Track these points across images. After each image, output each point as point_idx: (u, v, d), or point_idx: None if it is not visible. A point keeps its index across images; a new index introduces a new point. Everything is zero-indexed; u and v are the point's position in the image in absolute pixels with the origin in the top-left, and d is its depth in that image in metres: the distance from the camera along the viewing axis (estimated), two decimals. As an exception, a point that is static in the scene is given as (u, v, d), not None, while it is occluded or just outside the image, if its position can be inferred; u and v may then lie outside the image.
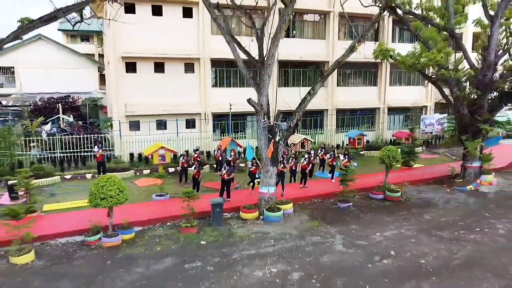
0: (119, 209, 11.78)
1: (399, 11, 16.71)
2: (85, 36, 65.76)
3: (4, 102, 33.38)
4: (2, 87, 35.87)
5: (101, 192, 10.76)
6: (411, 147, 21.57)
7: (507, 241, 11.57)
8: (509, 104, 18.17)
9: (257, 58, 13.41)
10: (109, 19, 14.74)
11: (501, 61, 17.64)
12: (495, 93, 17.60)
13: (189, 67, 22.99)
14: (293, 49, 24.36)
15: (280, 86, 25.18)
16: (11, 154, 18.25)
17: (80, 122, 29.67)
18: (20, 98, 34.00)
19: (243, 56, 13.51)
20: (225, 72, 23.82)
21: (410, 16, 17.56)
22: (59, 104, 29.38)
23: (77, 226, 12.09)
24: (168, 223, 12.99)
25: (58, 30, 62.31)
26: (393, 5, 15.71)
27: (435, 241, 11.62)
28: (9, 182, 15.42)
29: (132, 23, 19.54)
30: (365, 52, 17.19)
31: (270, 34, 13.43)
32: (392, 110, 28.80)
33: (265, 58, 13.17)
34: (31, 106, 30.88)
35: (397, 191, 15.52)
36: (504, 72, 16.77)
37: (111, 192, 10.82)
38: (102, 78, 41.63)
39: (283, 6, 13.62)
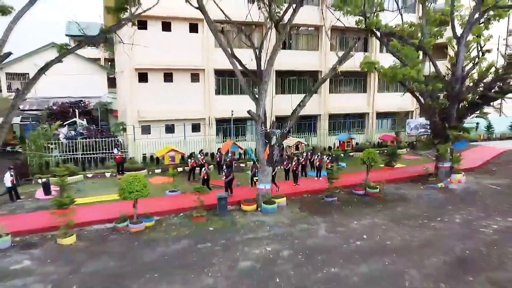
0: (141, 202, 14.28)
1: (379, 33, 19.23)
2: (92, 42, 67.78)
3: (21, 107, 35.92)
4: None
5: (129, 187, 13.30)
6: (393, 149, 24.11)
7: (459, 228, 14.12)
8: (476, 112, 20.64)
9: (256, 67, 15.91)
10: (122, 42, 17.22)
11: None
12: (464, 102, 20.14)
13: (195, 77, 25.53)
14: (289, 59, 26.89)
15: (277, 93, 27.79)
16: (40, 155, 20.77)
17: (93, 126, 32.19)
18: (35, 102, 36.53)
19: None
20: (227, 81, 26.33)
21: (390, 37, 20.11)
22: (75, 109, 31.86)
23: (107, 216, 14.63)
24: (181, 214, 15.53)
25: (66, 35, 64.95)
26: (373, 28, 18.22)
27: (401, 228, 14.16)
28: (43, 180, 17.97)
29: (144, 39, 22.08)
30: (355, 62, 19.87)
31: (267, 51, 15.96)
32: (380, 115, 31.37)
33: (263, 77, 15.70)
34: (47, 111, 33.36)
35: (376, 188, 18.08)
36: (469, 85, 19.31)
37: (137, 187, 13.36)
38: (110, 83, 44.20)
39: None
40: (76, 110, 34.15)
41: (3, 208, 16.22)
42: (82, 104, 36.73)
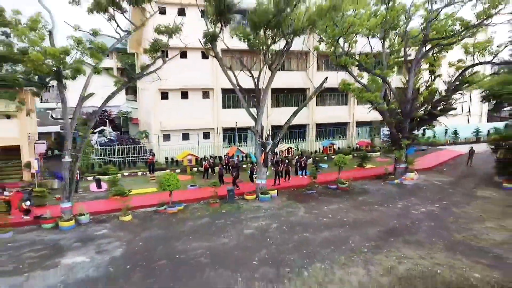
0: (173, 193, 20.17)
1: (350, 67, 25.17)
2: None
3: (54, 115, 41.95)
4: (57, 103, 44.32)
5: (167, 182, 19.21)
6: (364, 153, 30.07)
7: (398, 211, 20.03)
8: (426, 126, 26.58)
9: (255, 93, 21.86)
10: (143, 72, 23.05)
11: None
12: (415, 118, 26.05)
13: (206, 94, 31.46)
14: (282, 79, 32.77)
15: (273, 107, 33.71)
16: (87, 158, 26.70)
17: (118, 133, 38.13)
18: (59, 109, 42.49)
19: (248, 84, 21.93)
20: (232, 98, 32.19)
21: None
22: (105, 119, 37.77)
23: (148, 202, 20.56)
24: (201, 201, 21.46)
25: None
26: (343, 64, 24.16)
27: (358, 211, 20.08)
28: (96, 177, 23.91)
29: (166, 64, 27.91)
30: (338, 80, 25.73)
31: (265, 75, 21.73)
32: (359, 124, 37.31)
33: (260, 103, 21.64)
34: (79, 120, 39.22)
35: (345, 183, 24.01)
36: (418, 104, 25.26)
37: (172, 182, 19.27)
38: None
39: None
40: (100, 118, 40.12)
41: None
42: (106, 113, 42.68)
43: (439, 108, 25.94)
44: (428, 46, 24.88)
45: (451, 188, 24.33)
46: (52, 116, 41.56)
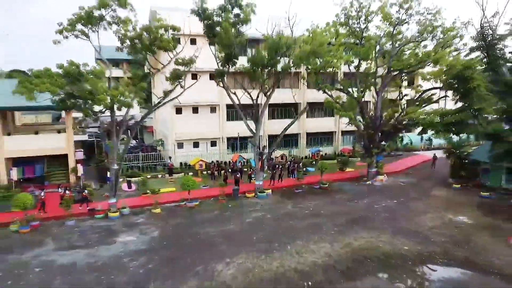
0: (191, 191, 26.12)
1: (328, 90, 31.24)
2: (116, 63, 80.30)
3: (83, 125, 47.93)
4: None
5: (187, 183, 25.18)
6: (345, 158, 36.11)
7: (364, 206, 26.00)
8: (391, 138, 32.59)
9: (255, 114, 27.90)
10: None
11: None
12: (384, 131, 32.03)
13: (213, 109, 37.43)
14: (277, 95, 38.64)
15: (269, 119, 39.68)
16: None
17: (137, 141, 44.06)
18: (89, 121, 48.34)
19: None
20: (235, 112, 38.07)
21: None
22: (128, 128, 43.63)
23: (171, 199, 26.53)
24: (212, 199, 27.44)
25: (96, 59, 76.71)
26: (324, 90, 30.16)
27: (333, 205, 26.07)
28: (127, 179, 29.91)
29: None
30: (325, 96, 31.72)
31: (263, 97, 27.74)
32: (344, 133, 43.30)
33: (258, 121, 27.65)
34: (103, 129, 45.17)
35: (326, 184, 29.99)
36: (383, 120, 31.26)
37: (191, 183, 25.26)
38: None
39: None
40: (129, 129, 46.07)
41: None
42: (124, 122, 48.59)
43: (404, 123, 31.93)
44: (395, 72, 30.91)
45: (411, 188, 30.34)
46: (82, 127, 47.56)
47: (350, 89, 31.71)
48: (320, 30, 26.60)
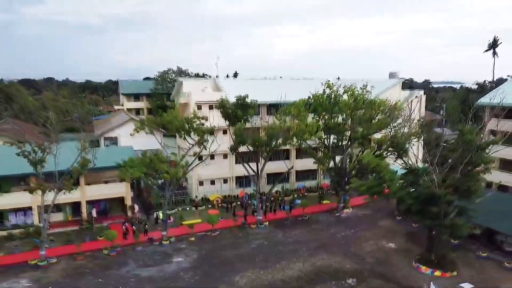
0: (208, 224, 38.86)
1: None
2: (137, 97, 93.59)
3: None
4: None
5: (211, 220, 37.93)
6: (323, 193, 48.89)
7: (330, 234, 38.72)
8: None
9: (256, 172, 40.71)
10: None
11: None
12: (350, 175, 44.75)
13: (225, 156, 50.16)
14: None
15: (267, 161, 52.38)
16: (159, 198, 45.38)
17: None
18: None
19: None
20: (242, 156, 50.84)
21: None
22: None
23: (200, 229, 39.25)
24: (227, 229, 40.17)
25: (122, 94, 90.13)
26: (305, 150, 42.93)
27: (309, 234, 38.77)
28: (167, 212, 42.73)
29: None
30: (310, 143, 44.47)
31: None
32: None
33: (259, 176, 40.49)
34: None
35: (306, 216, 42.76)
36: (348, 169, 44.01)
37: (214, 219, 38.01)
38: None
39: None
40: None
41: (155, 227, 40.84)
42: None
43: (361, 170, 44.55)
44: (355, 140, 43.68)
45: (366, 219, 43.11)
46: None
47: (324, 147, 44.61)
48: (301, 116, 39.41)
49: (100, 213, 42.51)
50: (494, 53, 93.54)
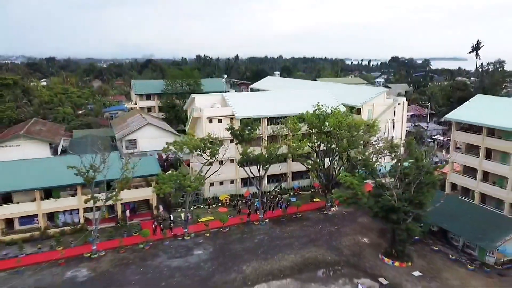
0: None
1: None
2: (148, 96, 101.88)
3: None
4: (132, 149, 72.05)
5: (223, 219, 47.40)
6: (313, 193, 58.28)
7: (317, 229, 48.26)
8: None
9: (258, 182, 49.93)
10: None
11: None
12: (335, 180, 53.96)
13: (232, 160, 59.11)
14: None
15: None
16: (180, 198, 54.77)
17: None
18: (138, 154, 70.19)
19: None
20: (247, 161, 59.75)
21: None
22: (169, 163, 65.70)
23: (213, 226, 48.77)
24: (235, 225, 49.71)
25: (135, 94, 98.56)
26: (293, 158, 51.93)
27: (300, 230, 48.29)
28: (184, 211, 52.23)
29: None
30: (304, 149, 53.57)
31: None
32: (317, 170, 65.21)
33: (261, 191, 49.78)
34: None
35: (299, 214, 52.25)
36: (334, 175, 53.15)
37: (225, 218, 47.48)
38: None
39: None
40: (166, 161, 68.03)
41: (176, 224, 50.33)
42: (169, 159, 70.55)
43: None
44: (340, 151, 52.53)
45: (348, 216, 52.57)
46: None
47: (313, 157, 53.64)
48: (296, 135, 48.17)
49: (130, 212, 51.97)
50: (477, 56, 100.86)
